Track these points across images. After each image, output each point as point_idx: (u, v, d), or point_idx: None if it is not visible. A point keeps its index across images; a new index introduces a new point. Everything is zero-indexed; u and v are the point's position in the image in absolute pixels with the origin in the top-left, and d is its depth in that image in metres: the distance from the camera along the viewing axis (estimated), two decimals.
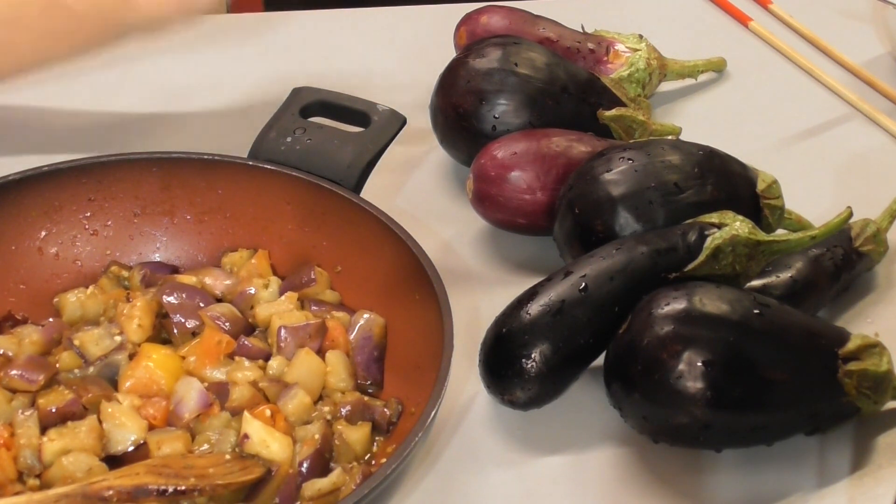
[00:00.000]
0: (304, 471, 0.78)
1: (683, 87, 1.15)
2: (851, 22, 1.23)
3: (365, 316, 0.87)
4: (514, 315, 0.81)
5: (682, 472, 0.80)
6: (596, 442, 0.82)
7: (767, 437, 0.79)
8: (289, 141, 0.94)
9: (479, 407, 0.84)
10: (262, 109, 0.97)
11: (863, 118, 1.12)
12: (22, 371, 0.83)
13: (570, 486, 0.80)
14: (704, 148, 0.91)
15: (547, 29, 1.09)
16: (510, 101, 0.97)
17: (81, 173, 0.92)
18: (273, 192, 0.92)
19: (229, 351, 0.85)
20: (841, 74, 1.17)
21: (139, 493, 0.75)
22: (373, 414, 0.82)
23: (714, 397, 0.75)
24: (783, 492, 0.79)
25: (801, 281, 0.87)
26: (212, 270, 0.92)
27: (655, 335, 0.76)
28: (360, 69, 1.18)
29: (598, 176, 0.89)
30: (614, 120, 1.00)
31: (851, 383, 0.78)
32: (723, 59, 1.16)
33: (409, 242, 0.86)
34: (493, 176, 0.94)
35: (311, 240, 0.92)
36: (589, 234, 0.88)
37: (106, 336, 0.85)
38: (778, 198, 0.91)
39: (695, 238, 0.82)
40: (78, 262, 0.93)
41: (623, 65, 1.07)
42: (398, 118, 0.96)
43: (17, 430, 0.79)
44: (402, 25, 1.25)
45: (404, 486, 0.79)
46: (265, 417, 0.80)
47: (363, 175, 0.93)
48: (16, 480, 0.78)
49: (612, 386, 0.79)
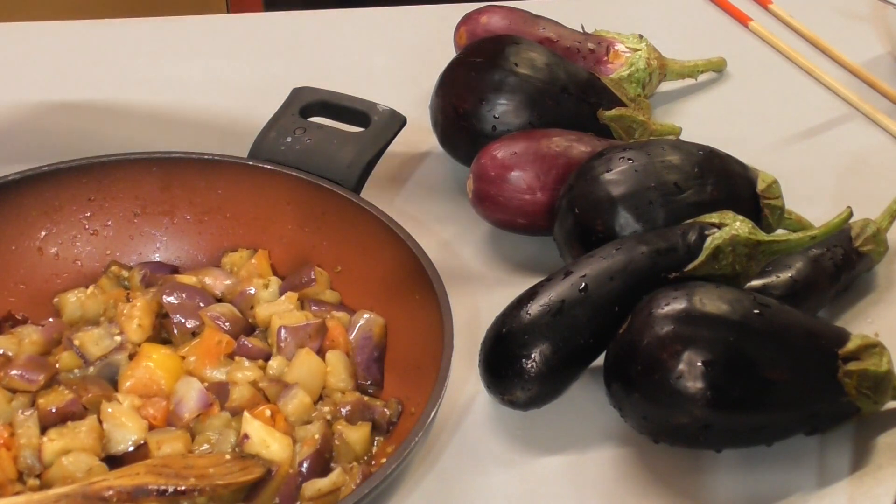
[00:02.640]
0: (304, 471, 0.78)
1: (683, 87, 1.15)
2: (851, 22, 1.23)
3: (365, 316, 0.87)
4: (514, 315, 0.81)
5: (682, 472, 0.80)
6: (596, 442, 0.82)
7: (767, 437, 0.79)
8: (289, 141, 0.94)
9: (479, 407, 0.84)
10: (262, 109, 0.97)
11: (863, 118, 1.12)
12: (22, 371, 0.83)
13: (570, 486, 0.80)
14: (704, 148, 0.91)
15: (547, 29, 1.09)
16: (510, 101, 0.97)
17: (81, 173, 0.92)
18: (273, 192, 0.92)
19: (229, 351, 0.85)
20: (841, 74, 1.17)
21: (139, 493, 0.75)
22: (373, 414, 0.82)
23: (714, 397, 0.75)
24: (783, 492, 0.79)
25: (801, 281, 0.87)
26: (212, 270, 0.92)
27: (655, 335, 0.76)
28: (360, 69, 1.18)
29: (598, 176, 0.89)
30: (614, 120, 1.00)
31: (851, 383, 0.78)
32: (723, 59, 1.16)
33: (409, 242, 0.86)
34: (493, 176, 0.94)
35: (311, 240, 0.92)
36: (589, 234, 0.88)
37: (106, 336, 0.85)
38: (778, 198, 0.91)
39: (695, 238, 0.82)
40: (78, 262, 0.93)
41: (623, 65, 1.07)
42: (398, 118, 0.96)
43: (17, 430, 0.79)
44: (402, 25, 1.25)
45: (404, 486, 0.79)
46: (265, 417, 0.80)
47: (363, 175, 0.93)
48: (16, 480, 0.78)
49: (612, 386, 0.79)
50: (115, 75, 1.17)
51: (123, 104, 1.13)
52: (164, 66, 1.18)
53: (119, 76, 1.16)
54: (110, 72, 1.17)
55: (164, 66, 1.18)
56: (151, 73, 1.17)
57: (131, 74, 1.17)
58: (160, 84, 1.16)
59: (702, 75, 1.15)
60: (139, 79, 1.16)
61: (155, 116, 1.12)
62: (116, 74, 1.17)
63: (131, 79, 1.16)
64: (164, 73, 1.17)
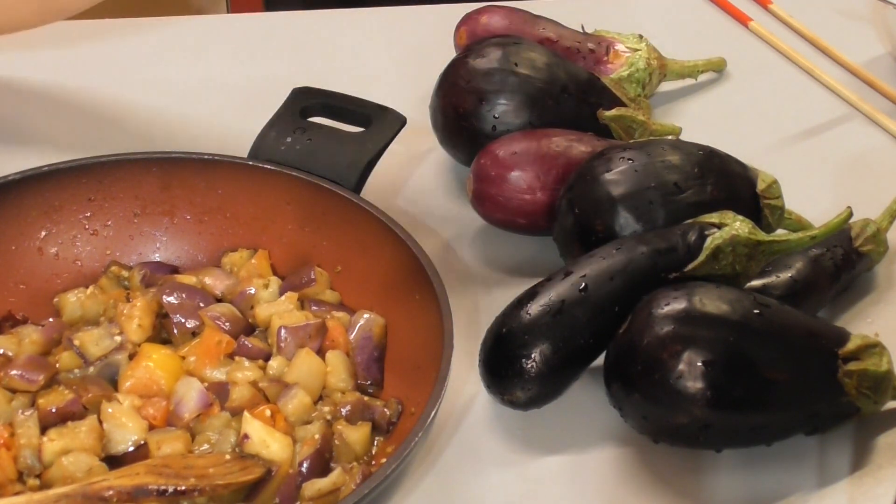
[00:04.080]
0: (304, 471, 0.78)
1: (683, 87, 1.15)
2: (851, 22, 1.23)
3: (365, 316, 0.87)
4: (514, 315, 0.81)
5: (682, 472, 0.80)
6: (596, 442, 0.82)
7: (767, 437, 0.79)
8: (289, 141, 0.94)
9: (479, 407, 0.84)
10: (262, 109, 0.97)
11: (863, 118, 1.12)
12: (22, 371, 0.83)
13: (570, 486, 0.80)
14: (704, 148, 0.91)
15: (547, 29, 1.09)
16: (510, 101, 0.97)
17: (81, 173, 0.92)
18: (273, 192, 0.92)
19: (229, 351, 0.85)
20: (841, 74, 1.17)
21: (139, 494, 0.75)
22: (373, 414, 0.82)
23: (714, 397, 0.75)
24: (783, 492, 0.79)
25: (801, 281, 0.87)
26: (212, 270, 0.92)
27: (655, 335, 0.76)
28: (360, 69, 1.18)
29: (598, 176, 0.89)
30: (614, 120, 1.00)
31: (851, 383, 0.78)
32: (723, 59, 1.16)
33: (409, 242, 0.86)
34: (493, 176, 0.94)
35: (311, 240, 0.92)
36: (589, 234, 0.88)
37: (106, 336, 0.85)
38: (778, 198, 0.91)
39: (695, 238, 0.82)
40: (78, 262, 0.93)
41: (623, 65, 1.07)
42: (398, 118, 0.96)
43: (17, 430, 0.79)
44: (402, 25, 1.25)
45: (404, 486, 0.79)
46: (265, 417, 0.80)
47: (363, 175, 0.93)
48: (16, 480, 0.78)
49: (612, 386, 0.79)
50: (115, 75, 1.17)
51: (123, 104, 1.13)
52: (164, 66, 1.18)
53: (119, 76, 1.16)
54: (110, 72, 1.17)
55: (164, 66, 1.18)
56: (151, 74, 1.17)
57: (131, 74, 1.17)
58: (160, 84, 1.16)
59: (702, 75, 1.15)
60: (139, 79, 1.16)
61: (155, 116, 1.12)
62: (116, 74, 1.17)
63: (131, 79, 1.16)
64: (164, 73, 1.17)
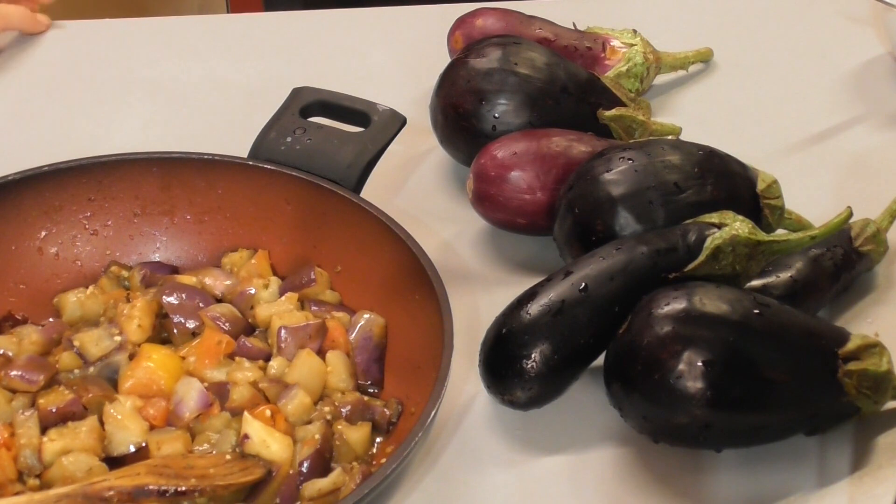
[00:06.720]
0: (304, 471, 0.78)
1: (683, 87, 1.15)
2: (851, 23, 1.23)
3: (365, 316, 0.87)
4: (514, 315, 0.81)
5: (682, 472, 0.80)
6: (596, 442, 0.82)
7: (767, 437, 0.79)
8: (289, 141, 0.94)
9: (479, 407, 0.84)
10: (262, 109, 0.97)
11: (863, 118, 1.12)
12: (22, 371, 0.83)
13: (570, 486, 0.80)
14: (704, 148, 0.91)
15: (543, 29, 1.09)
16: (510, 101, 0.97)
17: (81, 173, 0.92)
18: (273, 192, 0.92)
19: (229, 351, 0.85)
20: (841, 75, 1.17)
21: (139, 494, 0.75)
22: (373, 414, 0.82)
23: (714, 397, 0.75)
24: (783, 492, 0.79)
25: (801, 281, 0.87)
26: (212, 270, 0.92)
27: (655, 335, 0.76)
28: (360, 69, 1.18)
29: (598, 176, 0.89)
30: (614, 120, 1.00)
31: (851, 383, 0.78)
32: (709, 49, 1.17)
33: (409, 242, 0.86)
34: (493, 176, 0.94)
35: (311, 240, 0.92)
36: (589, 234, 0.88)
37: (106, 336, 0.85)
38: (778, 198, 0.91)
39: (695, 238, 0.82)
40: (78, 262, 0.93)
41: (620, 60, 1.08)
42: (398, 118, 0.96)
43: (18, 430, 0.79)
44: (402, 25, 1.25)
45: (404, 486, 0.79)
46: (265, 418, 0.80)
47: (363, 175, 0.93)
48: (16, 480, 0.78)
49: (612, 386, 0.79)
50: (115, 75, 1.17)
51: (123, 104, 1.13)
52: (164, 66, 1.18)
53: (119, 76, 1.17)
54: (110, 72, 1.17)
55: (164, 66, 1.18)
56: (151, 73, 1.17)
57: (131, 74, 1.17)
58: (160, 84, 1.16)
59: (701, 74, 1.15)
60: (139, 79, 1.16)
61: (155, 116, 1.12)
62: (116, 74, 1.17)
63: (131, 79, 1.16)
64: (164, 73, 1.17)
